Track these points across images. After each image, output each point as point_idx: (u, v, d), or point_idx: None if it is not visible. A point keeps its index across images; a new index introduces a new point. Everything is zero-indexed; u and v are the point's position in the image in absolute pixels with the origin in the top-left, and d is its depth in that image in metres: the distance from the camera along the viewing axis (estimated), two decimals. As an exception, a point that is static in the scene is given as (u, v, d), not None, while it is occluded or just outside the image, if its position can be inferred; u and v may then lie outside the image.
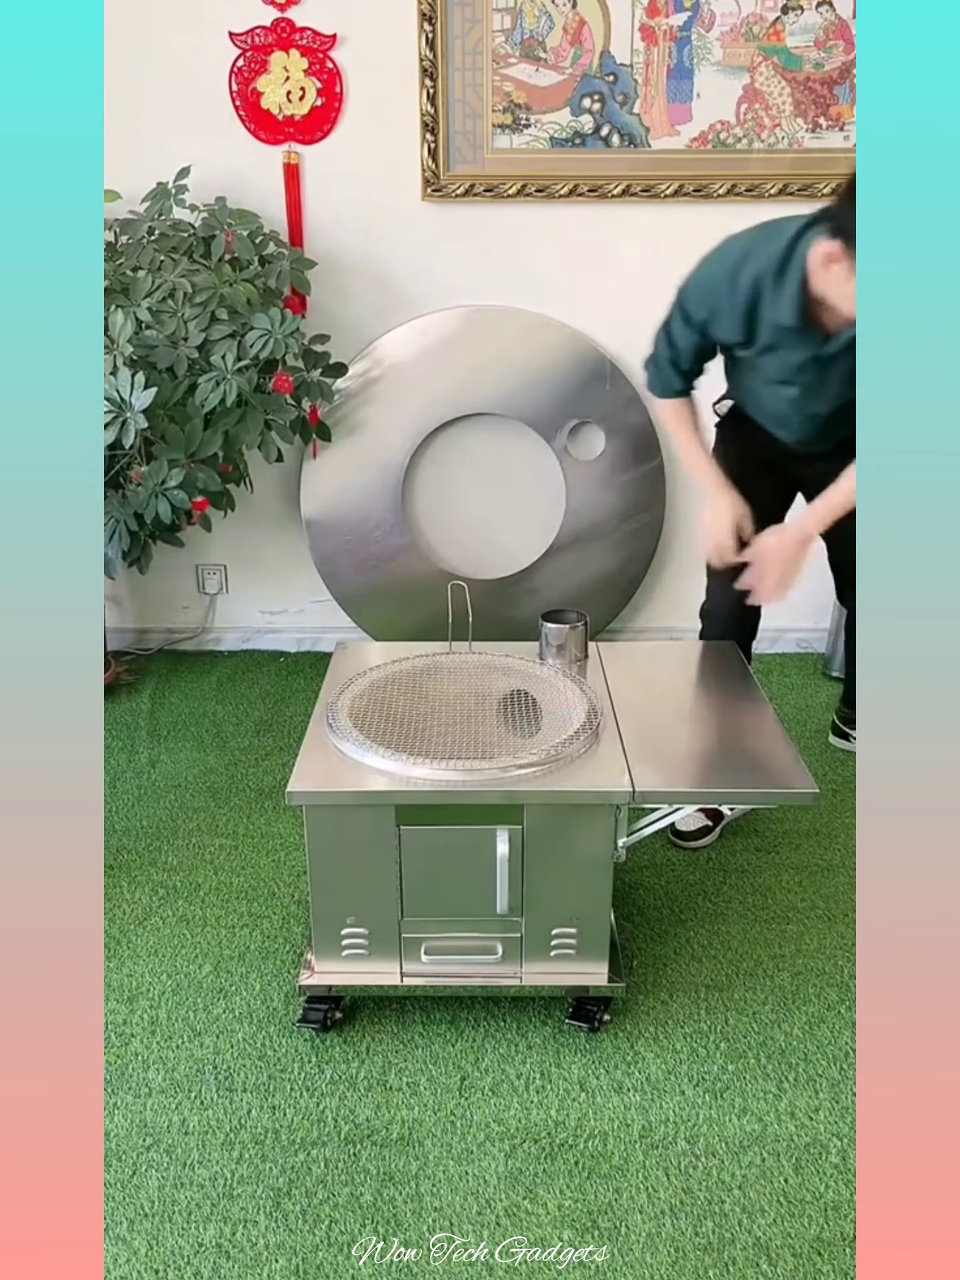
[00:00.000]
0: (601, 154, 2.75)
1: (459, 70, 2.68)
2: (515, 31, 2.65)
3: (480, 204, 2.79)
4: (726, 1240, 1.44)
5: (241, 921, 2.05)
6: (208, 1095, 1.66)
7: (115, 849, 2.27)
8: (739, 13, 2.64)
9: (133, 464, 2.47)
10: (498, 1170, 1.54)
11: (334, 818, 1.64)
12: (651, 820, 1.77)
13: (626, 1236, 1.44)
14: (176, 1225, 1.46)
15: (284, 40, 2.65)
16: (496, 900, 1.66)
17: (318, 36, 2.65)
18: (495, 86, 2.69)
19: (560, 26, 2.65)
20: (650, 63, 2.68)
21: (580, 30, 2.66)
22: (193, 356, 2.47)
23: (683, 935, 2.01)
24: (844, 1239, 1.44)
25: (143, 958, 1.96)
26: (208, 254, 2.59)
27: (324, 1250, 1.42)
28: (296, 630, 3.22)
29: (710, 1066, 1.71)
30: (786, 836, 2.30)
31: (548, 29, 2.66)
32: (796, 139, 2.73)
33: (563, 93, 2.70)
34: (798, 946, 1.97)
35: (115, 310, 2.37)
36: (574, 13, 2.64)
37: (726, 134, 2.73)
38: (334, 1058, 1.73)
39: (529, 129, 2.73)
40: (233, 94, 2.70)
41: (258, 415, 2.57)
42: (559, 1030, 1.77)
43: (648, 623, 3.24)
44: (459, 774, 1.60)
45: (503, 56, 2.67)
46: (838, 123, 2.73)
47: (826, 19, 2.65)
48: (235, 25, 2.65)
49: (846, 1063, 1.71)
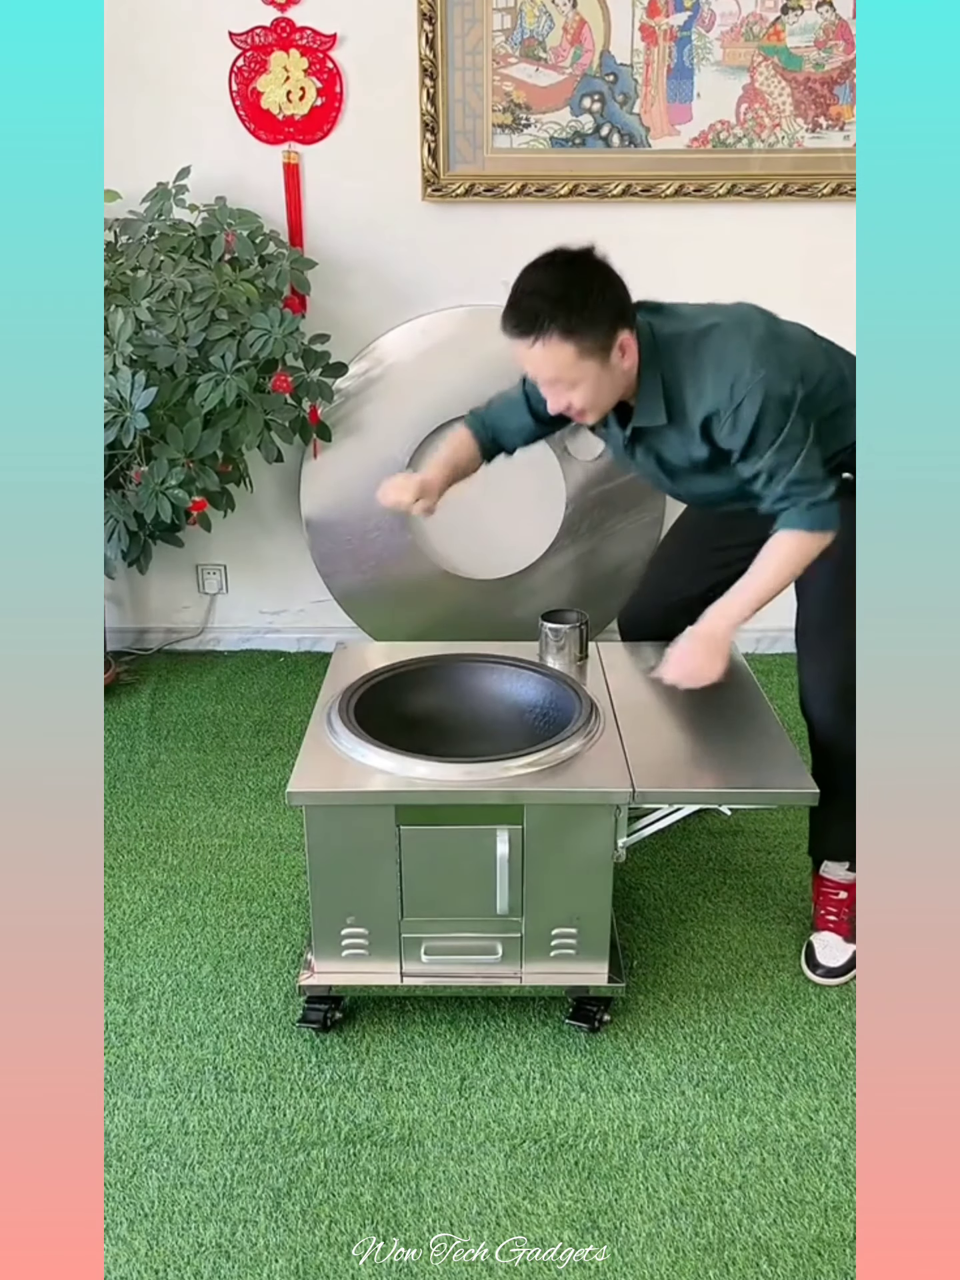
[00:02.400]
0: (601, 154, 2.75)
1: (459, 70, 2.67)
2: (515, 31, 2.65)
3: (480, 204, 2.79)
4: (726, 1240, 1.44)
5: (241, 921, 2.05)
6: (208, 1095, 1.66)
7: (115, 849, 2.27)
8: (739, 13, 2.64)
9: (133, 464, 2.47)
10: (498, 1170, 1.54)
11: (334, 818, 1.64)
12: (651, 820, 1.77)
13: (626, 1236, 1.44)
14: (176, 1225, 1.46)
15: (284, 40, 2.65)
16: (496, 900, 1.65)
17: (318, 36, 2.65)
18: (495, 86, 2.69)
19: (560, 26, 2.65)
20: (650, 63, 2.68)
21: (580, 30, 2.66)
22: (193, 356, 2.47)
23: (683, 935, 2.01)
24: (844, 1239, 1.44)
25: (143, 958, 1.96)
26: (208, 254, 2.59)
27: (324, 1250, 1.42)
28: (296, 630, 3.22)
29: (710, 1066, 1.71)
30: (786, 836, 2.30)
31: (548, 29, 2.65)
32: (796, 139, 2.73)
33: (563, 93, 2.70)
34: (798, 946, 1.97)
35: (115, 310, 2.37)
36: (574, 13, 2.64)
37: (726, 134, 2.73)
38: (334, 1058, 1.73)
39: (529, 129, 2.73)
40: (233, 94, 2.70)
41: (257, 415, 2.57)
42: (559, 1030, 1.77)
43: (648, 623, 3.23)
44: (459, 774, 1.60)
45: (503, 56, 2.67)
46: (838, 123, 2.73)
47: (826, 19, 2.65)
48: (235, 25, 2.65)
49: (846, 1063, 1.71)
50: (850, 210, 2.77)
